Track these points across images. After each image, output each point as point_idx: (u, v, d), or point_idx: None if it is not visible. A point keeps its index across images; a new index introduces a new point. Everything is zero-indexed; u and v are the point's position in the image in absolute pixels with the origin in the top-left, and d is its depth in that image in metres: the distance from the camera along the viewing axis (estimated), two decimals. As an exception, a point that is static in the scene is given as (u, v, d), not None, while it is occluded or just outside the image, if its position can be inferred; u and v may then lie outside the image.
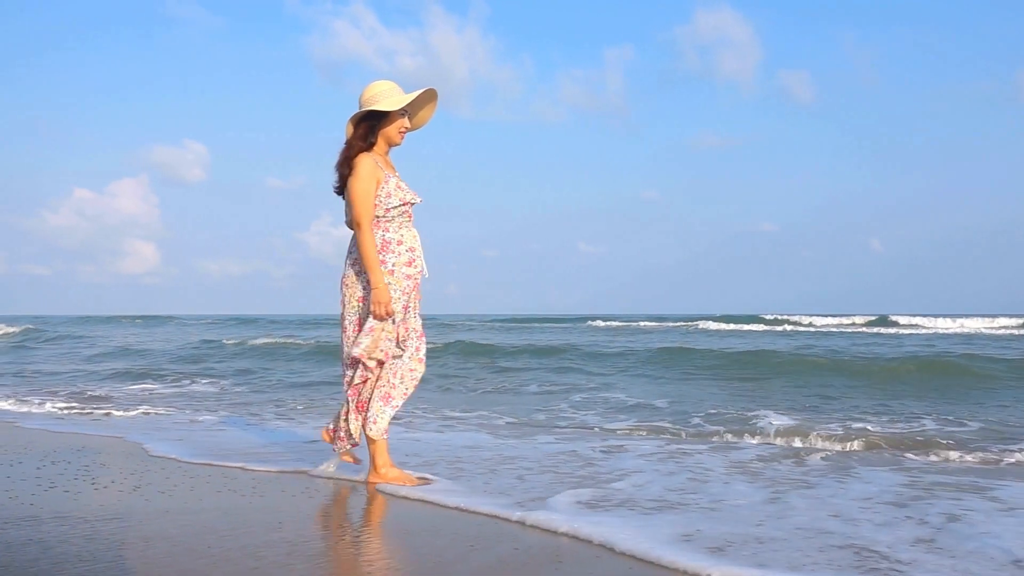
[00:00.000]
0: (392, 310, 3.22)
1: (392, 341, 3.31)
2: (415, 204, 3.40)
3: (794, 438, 5.15)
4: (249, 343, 17.16)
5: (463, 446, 4.66)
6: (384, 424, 3.36)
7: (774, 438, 5.19)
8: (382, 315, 3.20)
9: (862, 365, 9.52)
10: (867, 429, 5.51)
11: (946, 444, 4.91)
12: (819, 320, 29.76)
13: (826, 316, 31.11)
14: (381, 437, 3.38)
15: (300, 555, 2.29)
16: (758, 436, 5.27)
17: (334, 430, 3.52)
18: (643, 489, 3.41)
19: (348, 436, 3.44)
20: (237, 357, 13.96)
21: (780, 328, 26.55)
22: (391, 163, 3.46)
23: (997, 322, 26.32)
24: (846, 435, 5.19)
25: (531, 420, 6.23)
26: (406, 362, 3.39)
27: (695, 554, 2.34)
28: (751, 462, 4.18)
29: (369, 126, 3.32)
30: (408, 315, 3.37)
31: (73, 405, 7.20)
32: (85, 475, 3.58)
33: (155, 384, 9.66)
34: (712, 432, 5.44)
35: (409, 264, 3.31)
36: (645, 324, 31.02)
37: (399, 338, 3.34)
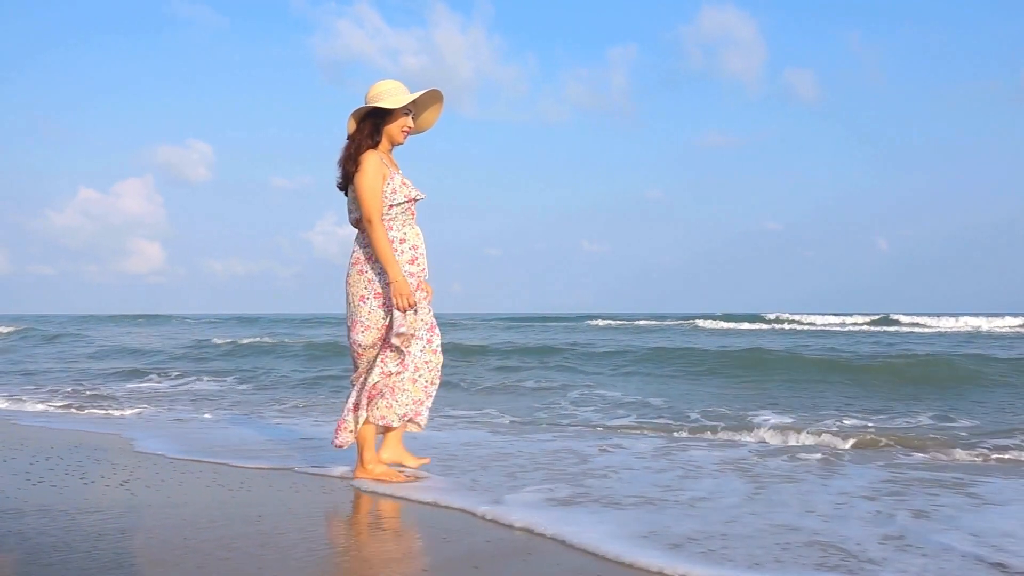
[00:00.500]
0: (414, 301, 3.24)
1: (423, 325, 3.38)
2: (419, 201, 3.42)
3: (789, 435, 5.17)
4: (239, 342, 17.22)
5: (460, 444, 4.69)
6: (392, 417, 3.38)
7: (769, 436, 5.20)
8: (404, 307, 3.22)
9: (860, 364, 9.51)
10: (861, 427, 5.52)
11: (937, 441, 4.92)
12: (819, 319, 29.60)
13: (827, 315, 30.94)
14: (395, 425, 3.41)
15: (273, 547, 2.33)
16: (754, 434, 5.28)
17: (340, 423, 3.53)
18: (629, 485, 3.44)
19: (355, 430, 3.47)
20: (234, 356, 14.03)
21: (779, 327, 26.49)
22: (395, 162, 3.48)
23: (1000, 321, 26.09)
24: (840, 433, 5.21)
25: (530, 418, 6.26)
26: (418, 356, 3.39)
27: (650, 551, 2.36)
28: (743, 459, 4.20)
29: (374, 124, 3.34)
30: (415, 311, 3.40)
31: (71, 403, 7.27)
32: (75, 471, 3.63)
33: (152, 382, 9.73)
34: (708, 430, 5.46)
35: (412, 262, 3.33)
36: (643, 323, 31.00)
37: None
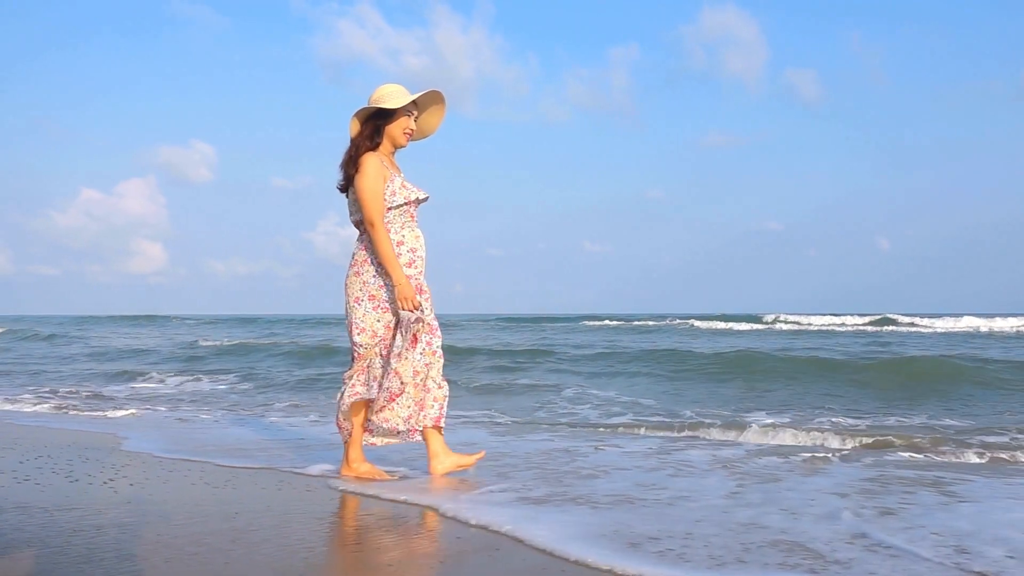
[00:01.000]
0: (418, 303, 3.26)
1: (431, 319, 3.39)
2: (422, 203, 3.44)
3: (781, 435, 5.17)
4: (238, 342, 17.28)
5: (456, 443, 4.71)
6: (396, 420, 3.40)
7: (762, 436, 5.21)
8: (409, 309, 3.26)
9: (854, 364, 9.49)
10: (853, 426, 5.53)
11: (927, 441, 4.92)
12: (817, 320, 29.43)
13: (825, 315, 30.79)
14: (402, 428, 3.42)
15: (243, 543, 2.37)
16: (746, 433, 5.29)
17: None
18: (612, 484, 3.45)
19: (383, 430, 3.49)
20: (233, 356, 14.09)
21: (776, 328, 26.42)
22: (396, 164, 3.49)
23: (1003, 322, 25.89)
24: (832, 431, 5.22)
25: (528, 418, 6.27)
26: (418, 359, 3.37)
27: (604, 550, 2.35)
28: (733, 459, 4.20)
29: (375, 126, 3.35)
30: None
31: (69, 403, 7.33)
32: (62, 470, 3.67)
33: (150, 383, 9.79)
34: (703, 430, 5.46)
35: (409, 265, 3.34)
36: (639, 323, 31.02)
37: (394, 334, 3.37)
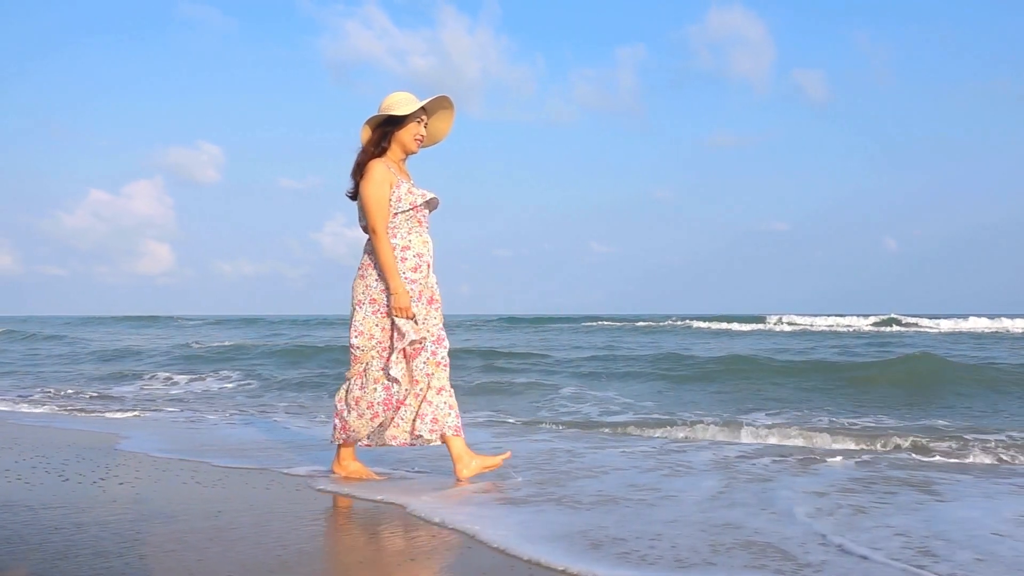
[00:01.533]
0: (412, 313, 3.30)
1: (423, 330, 3.40)
2: (433, 209, 3.49)
3: (777, 436, 5.18)
4: (244, 343, 17.37)
5: (476, 444, 4.75)
6: (403, 436, 3.44)
7: (760, 436, 5.22)
8: (403, 318, 3.30)
9: (854, 366, 9.47)
10: (849, 427, 5.52)
11: (922, 442, 4.90)
12: (821, 320, 29.24)
13: (830, 316, 30.61)
14: (410, 442, 3.45)
15: (221, 540, 2.41)
16: (745, 434, 5.29)
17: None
18: (603, 484, 3.48)
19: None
20: (238, 356, 14.17)
21: (779, 328, 26.33)
22: (406, 171, 3.52)
23: (1010, 323, 25.68)
24: (829, 431, 5.21)
25: (532, 418, 6.28)
26: (421, 367, 3.39)
27: (560, 551, 2.36)
28: (730, 459, 4.23)
29: (383, 132, 3.40)
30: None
31: (71, 404, 7.40)
32: (55, 469, 3.72)
33: (155, 383, 9.87)
34: (703, 430, 5.47)
35: (415, 269, 3.37)
36: (641, 324, 31.03)
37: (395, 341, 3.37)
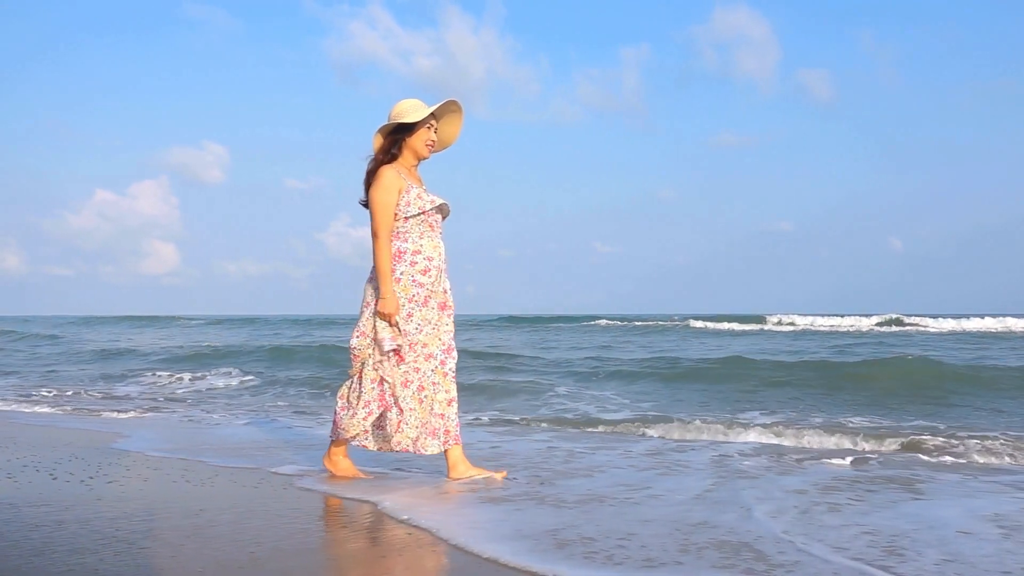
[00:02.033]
0: (395, 321, 3.35)
1: (449, 339, 3.45)
2: (446, 216, 3.53)
3: (775, 436, 5.19)
4: (250, 343, 17.44)
5: (471, 443, 4.77)
6: (405, 441, 3.43)
7: (757, 436, 5.23)
8: (385, 324, 3.36)
9: (852, 366, 9.47)
10: (845, 426, 5.52)
11: (911, 441, 4.88)
12: (823, 320, 29.05)
13: (832, 316, 30.42)
14: (412, 450, 3.44)
15: (198, 538, 2.45)
16: (743, 434, 5.30)
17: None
18: (596, 483, 3.53)
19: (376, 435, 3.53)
20: (244, 357, 14.25)
21: (779, 328, 26.26)
22: (418, 176, 3.57)
23: (1014, 322, 25.51)
24: (823, 430, 5.21)
25: (533, 417, 6.30)
26: (428, 375, 3.44)
27: (522, 549, 2.38)
28: (723, 459, 4.26)
29: (393, 139, 3.46)
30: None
31: (74, 403, 7.47)
32: (48, 468, 3.77)
33: (158, 382, 9.95)
34: (699, 430, 5.48)
35: (424, 273, 3.41)
36: (639, 323, 31.04)
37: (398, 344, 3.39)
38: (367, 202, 3.48)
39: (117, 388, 9.27)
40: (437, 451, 3.47)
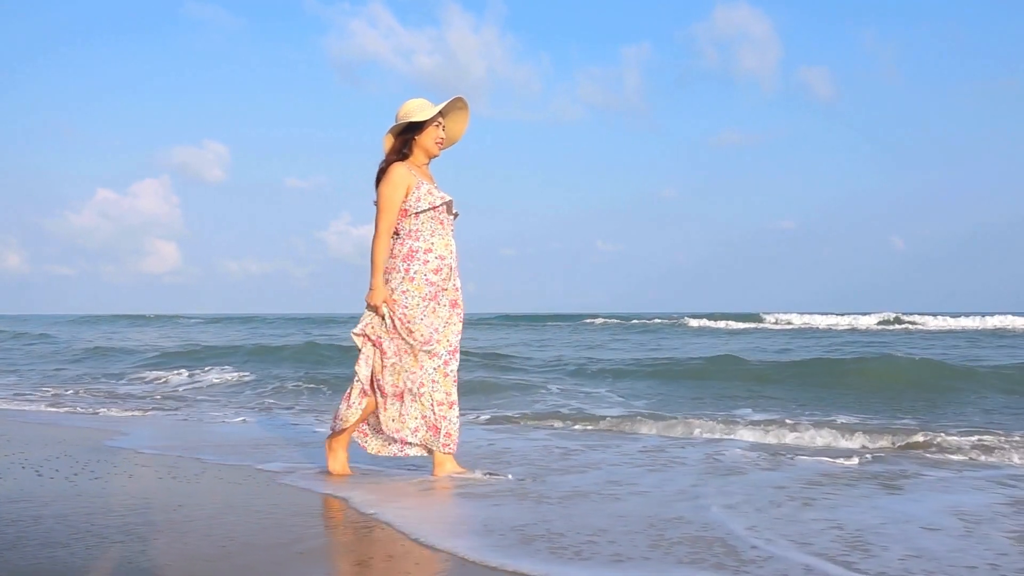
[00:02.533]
0: (383, 312, 3.38)
1: (382, 327, 3.45)
2: (456, 215, 3.56)
3: (770, 434, 5.19)
4: (253, 342, 17.47)
5: (467, 442, 4.79)
6: (405, 431, 3.47)
7: (752, 435, 5.23)
8: (372, 308, 3.42)
9: (847, 365, 9.48)
10: (839, 424, 5.51)
11: (901, 438, 4.89)
12: (822, 319, 28.96)
13: (830, 315, 30.34)
14: (409, 439, 3.49)
15: (171, 532, 2.48)
16: (739, 432, 5.30)
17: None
18: (587, 479, 3.56)
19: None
20: (244, 355, 14.28)
21: (775, 327, 26.23)
22: (429, 174, 3.61)
23: (1015, 320, 25.40)
24: (817, 428, 5.22)
25: (532, 416, 6.29)
26: (430, 372, 3.48)
27: (482, 545, 2.39)
28: (718, 456, 4.28)
29: (404, 139, 3.51)
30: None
31: (70, 402, 7.51)
32: (35, 465, 3.80)
33: (161, 381, 9.98)
34: (693, 428, 5.49)
35: (435, 272, 3.44)
36: (636, 321, 31.03)
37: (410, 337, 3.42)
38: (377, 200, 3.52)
39: (115, 386, 9.31)
40: (436, 449, 3.49)
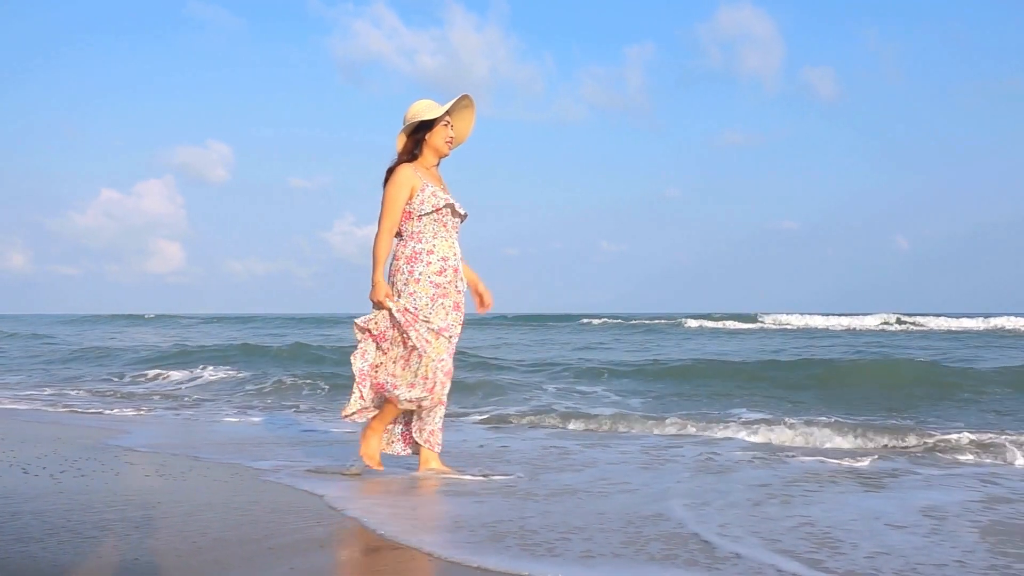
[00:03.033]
0: (388, 306, 3.40)
1: (386, 323, 3.46)
2: (464, 218, 3.58)
3: (764, 433, 5.19)
4: (256, 343, 17.49)
5: (459, 440, 4.86)
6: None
7: (745, 434, 5.22)
8: (374, 304, 3.47)
9: (843, 365, 9.47)
10: (832, 423, 5.51)
11: (893, 438, 4.88)
12: (822, 320, 28.72)
13: (828, 315, 30.14)
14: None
15: (146, 528, 2.50)
16: (732, 431, 5.30)
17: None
18: (580, 477, 3.59)
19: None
20: (246, 355, 14.31)
21: (771, 327, 26.14)
22: (438, 176, 3.64)
23: (1016, 320, 25.24)
24: (811, 428, 5.21)
25: (532, 416, 6.28)
26: (432, 363, 3.48)
27: (449, 541, 2.41)
28: (712, 455, 4.30)
29: (414, 140, 3.55)
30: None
31: (71, 401, 7.54)
32: (20, 462, 3.81)
33: (164, 380, 10.01)
34: (691, 429, 5.49)
35: (439, 273, 3.47)
36: (634, 321, 31.00)
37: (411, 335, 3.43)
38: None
39: (114, 385, 9.34)
40: (427, 448, 3.53)
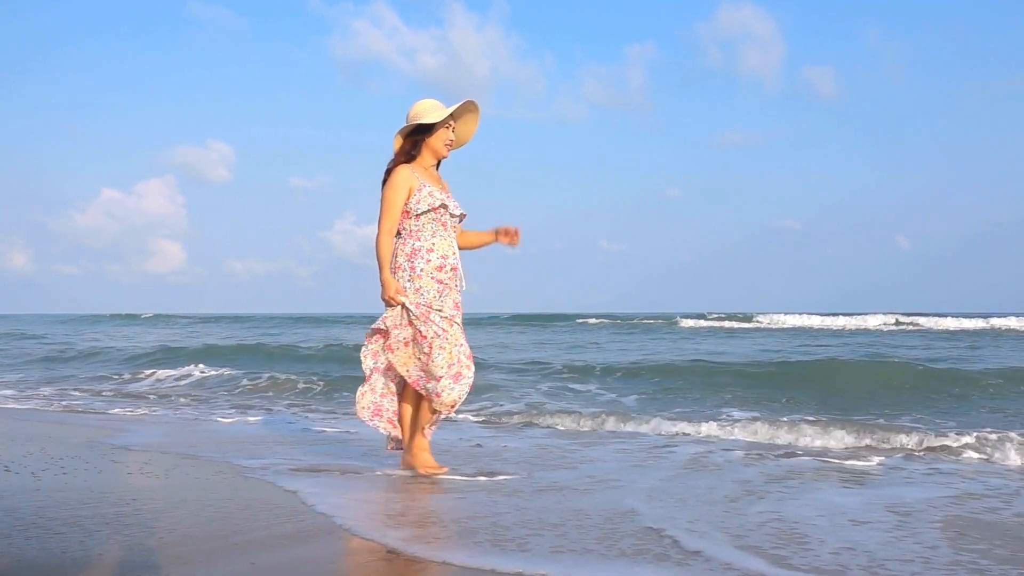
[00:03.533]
0: (400, 300, 3.41)
1: (401, 318, 3.48)
2: (463, 217, 3.60)
3: (755, 434, 5.17)
4: (256, 343, 17.51)
5: (459, 439, 4.88)
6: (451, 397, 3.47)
7: (740, 433, 5.21)
8: (387, 302, 3.48)
9: (839, 365, 9.47)
10: (826, 422, 5.51)
11: (882, 437, 4.85)
12: (818, 319, 28.64)
13: (825, 315, 30.03)
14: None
15: (116, 524, 2.51)
16: (726, 431, 5.28)
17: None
18: (569, 475, 3.61)
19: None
20: (248, 355, 14.33)
21: (767, 327, 26.09)
22: (437, 177, 3.65)
23: (1016, 321, 25.16)
24: (794, 425, 5.20)
25: (531, 416, 6.26)
26: (451, 353, 3.48)
27: (415, 536, 2.42)
28: (706, 454, 4.31)
29: (413, 141, 3.54)
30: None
31: (71, 401, 7.56)
32: (10, 461, 3.82)
33: (166, 380, 10.03)
34: (684, 427, 5.47)
35: (440, 269, 3.49)
36: (634, 321, 31.02)
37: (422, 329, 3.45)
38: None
39: (114, 385, 9.37)
40: (463, 396, 3.49)
